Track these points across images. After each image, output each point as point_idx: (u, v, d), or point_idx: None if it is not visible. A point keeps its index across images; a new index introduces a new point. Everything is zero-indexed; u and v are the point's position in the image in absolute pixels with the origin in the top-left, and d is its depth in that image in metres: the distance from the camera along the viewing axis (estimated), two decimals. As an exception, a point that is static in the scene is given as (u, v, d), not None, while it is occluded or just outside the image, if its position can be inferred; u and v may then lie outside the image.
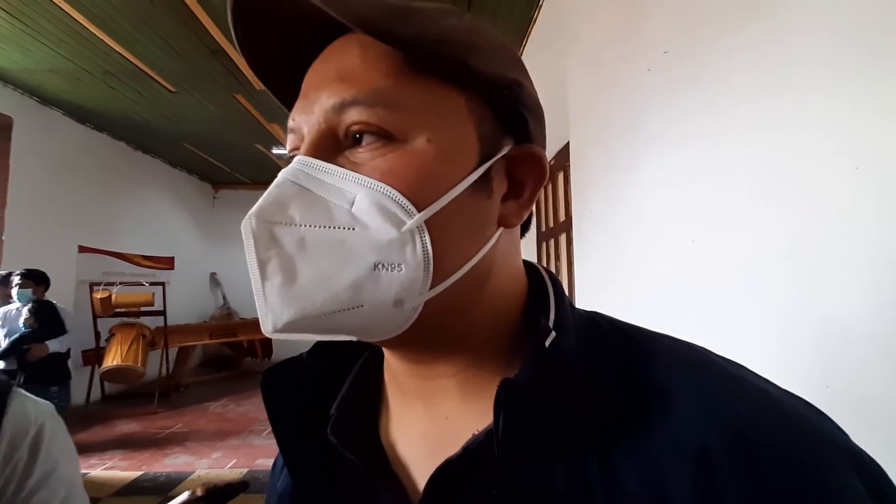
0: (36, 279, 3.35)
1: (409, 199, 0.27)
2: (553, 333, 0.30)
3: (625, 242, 1.59)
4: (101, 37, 3.31)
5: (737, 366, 0.30)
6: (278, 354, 6.93)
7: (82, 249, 5.14)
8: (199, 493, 0.37)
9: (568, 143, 2.20)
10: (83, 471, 3.23)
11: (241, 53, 0.33)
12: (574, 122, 2.09)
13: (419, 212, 0.27)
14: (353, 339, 0.30)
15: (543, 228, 2.88)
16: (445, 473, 0.29)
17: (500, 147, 0.31)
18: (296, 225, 0.27)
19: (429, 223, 0.28)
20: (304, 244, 0.27)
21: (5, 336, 3.18)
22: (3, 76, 4.00)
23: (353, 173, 0.28)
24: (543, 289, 0.34)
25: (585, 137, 1.95)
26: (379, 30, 0.27)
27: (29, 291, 3.28)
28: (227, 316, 7.37)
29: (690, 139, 1.18)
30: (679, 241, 1.23)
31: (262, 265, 0.27)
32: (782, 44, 0.87)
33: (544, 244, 2.91)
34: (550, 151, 2.54)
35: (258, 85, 3.48)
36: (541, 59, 2.76)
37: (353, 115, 0.28)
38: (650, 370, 0.29)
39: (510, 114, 0.32)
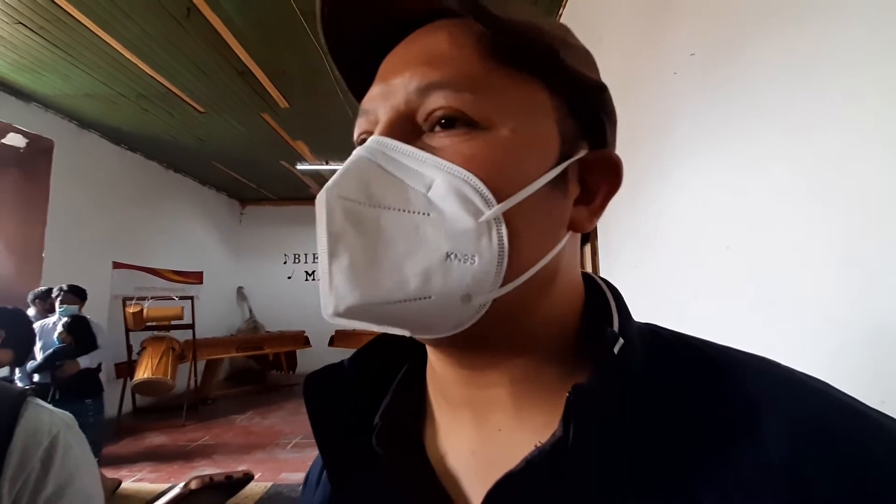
0: (79, 295, 3.46)
1: (489, 187, 0.26)
2: (621, 340, 0.28)
3: (654, 252, 1.53)
4: (135, 61, 3.46)
5: (823, 383, 0.27)
6: (303, 368, 6.99)
7: (116, 265, 5.33)
8: (192, 486, 0.35)
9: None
10: (122, 479, 3.29)
11: (323, 36, 0.32)
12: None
13: (498, 202, 0.26)
14: (408, 334, 0.28)
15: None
16: (505, 488, 0.26)
17: (579, 149, 0.30)
18: (371, 205, 0.26)
19: (506, 216, 0.26)
20: (377, 226, 0.26)
21: (41, 349, 3.27)
22: (45, 102, 4.22)
23: (432, 156, 0.27)
24: (603, 297, 0.32)
25: (609, 145, 1.91)
26: (481, 10, 0.26)
27: (75, 307, 3.37)
28: (253, 329, 7.49)
29: (723, 143, 1.14)
30: (713, 248, 1.17)
31: (333, 242, 0.25)
32: (818, 43, 0.83)
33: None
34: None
35: (283, 104, 3.56)
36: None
37: (439, 100, 0.27)
38: (730, 386, 0.26)
39: (590, 117, 0.31)
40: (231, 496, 0.43)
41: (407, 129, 0.28)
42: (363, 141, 0.30)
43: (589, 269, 2.44)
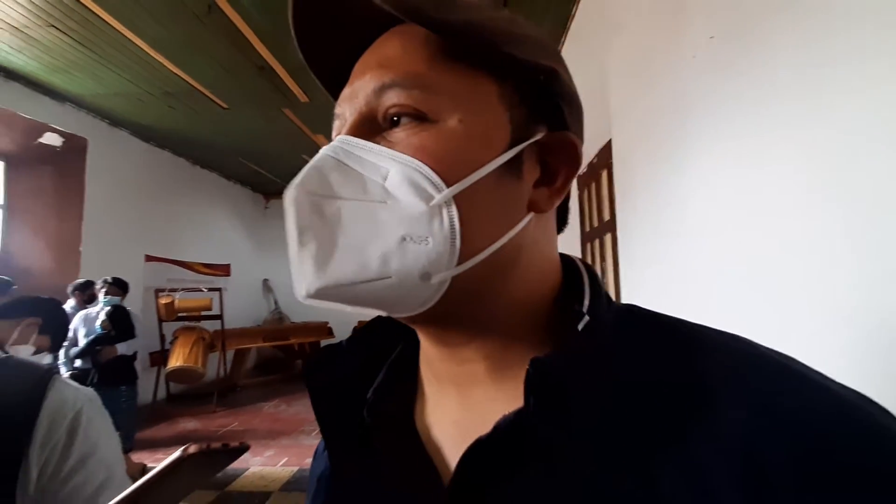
0: (122, 287, 3.66)
1: (438, 174, 0.28)
2: (586, 317, 0.30)
3: (673, 242, 1.51)
4: (161, 60, 3.56)
5: (788, 358, 0.27)
6: (326, 357, 7.12)
7: (149, 258, 5.54)
8: (191, 450, 0.37)
9: (610, 141, 2.12)
10: (150, 464, 3.46)
11: (300, 51, 0.36)
12: (616, 118, 2.01)
13: (448, 187, 0.28)
14: (383, 313, 0.31)
15: (587, 228, 2.79)
16: (476, 453, 0.29)
17: (533, 133, 0.32)
18: (333, 197, 0.29)
19: (457, 199, 0.28)
20: (339, 215, 0.28)
21: (85, 336, 3.47)
22: (78, 101, 4.39)
23: (387, 149, 0.29)
24: (578, 278, 0.34)
25: (629, 134, 1.88)
26: (418, 14, 0.29)
27: (118, 298, 3.59)
28: (278, 320, 7.68)
29: (744, 133, 1.10)
30: (733, 240, 1.15)
31: (300, 233, 0.28)
32: (841, 29, 0.79)
33: (588, 245, 2.83)
34: (592, 149, 2.46)
35: (303, 98, 3.60)
36: (580, 55, 2.69)
37: (392, 98, 0.30)
38: (691, 361, 0.27)
39: (544, 101, 0.32)
40: (229, 463, 0.46)
41: (369, 127, 0.31)
42: None
43: (609, 259, 2.41)
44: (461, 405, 0.34)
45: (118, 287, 3.62)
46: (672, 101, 1.45)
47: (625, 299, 1.94)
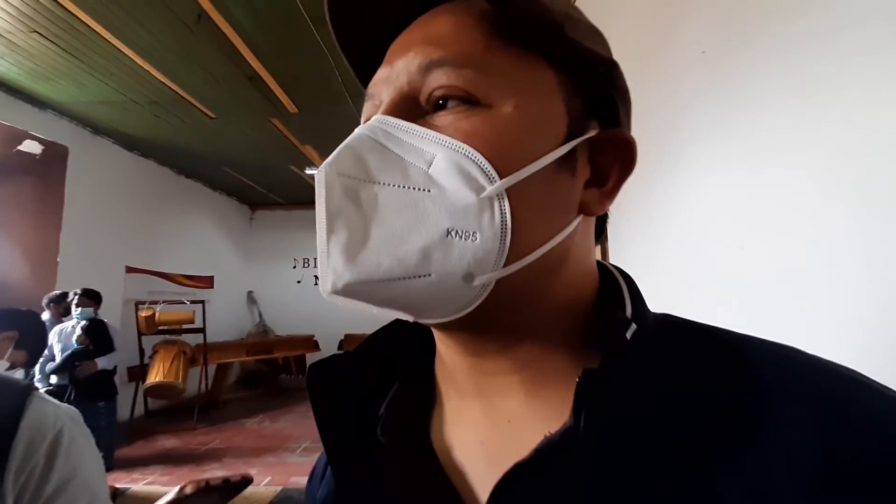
0: (94, 298, 3.54)
1: (490, 163, 0.25)
2: (633, 325, 0.28)
3: (666, 247, 1.51)
4: (147, 68, 3.51)
5: (847, 368, 0.26)
6: (312, 371, 6.99)
7: (129, 270, 5.39)
8: (187, 490, 0.34)
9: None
10: (125, 485, 3.31)
11: (330, 24, 0.32)
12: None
13: (501, 178, 0.25)
14: (411, 318, 0.27)
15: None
16: (514, 480, 0.26)
17: (588, 128, 0.29)
18: (369, 181, 0.26)
19: (510, 193, 0.25)
20: (376, 202, 0.25)
21: (60, 352, 3.35)
22: (60, 109, 4.30)
23: (433, 132, 0.27)
24: (616, 284, 0.32)
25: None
26: None
27: (91, 310, 3.47)
28: (263, 333, 7.53)
29: (734, 139, 1.12)
30: (727, 247, 1.15)
31: (331, 219, 0.25)
32: (845, 26, 0.81)
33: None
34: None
35: (292, 108, 3.58)
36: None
37: (440, 78, 0.27)
38: (747, 369, 0.25)
39: (600, 95, 0.30)
40: (229, 499, 0.42)
41: (410, 108, 0.28)
42: None
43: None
44: (488, 422, 0.30)
45: (90, 298, 3.51)
46: (668, 100, 1.47)
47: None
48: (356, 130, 0.28)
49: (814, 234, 0.88)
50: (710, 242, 1.25)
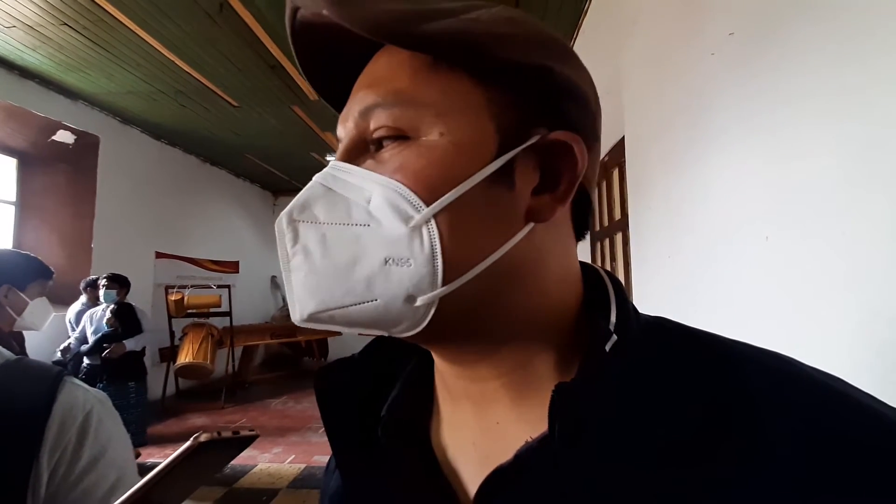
0: (119, 282, 3.69)
1: (416, 193, 0.27)
2: (614, 337, 0.28)
3: (688, 242, 1.48)
4: (173, 59, 3.58)
5: (835, 379, 0.26)
6: (334, 354, 7.16)
7: (159, 255, 5.58)
8: (202, 438, 0.37)
9: (623, 138, 2.10)
10: (158, 460, 3.48)
11: (302, 74, 0.36)
12: (630, 114, 1.99)
13: (427, 206, 0.27)
14: (381, 332, 0.30)
15: (598, 228, 2.77)
16: (496, 482, 0.28)
17: (528, 137, 0.29)
18: (319, 223, 0.29)
19: (439, 218, 0.27)
20: (324, 240, 0.29)
21: (93, 334, 3.52)
22: (90, 100, 4.43)
23: (370, 172, 0.29)
24: (603, 290, 0.32)
25: (642, 130, 1.85)
26: (390, 33, 0.28)
27: (114, 293, 3.64)
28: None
29: (763, 128, 1.08)
30: (751, 239, 1.12)
31: (289, 259, 0.29)
32: (866, 20, 0.77)
33: (598, 244, 2.80)
34: (603, 147, 2.43)
35: (312, 96, 3.61)
36: (592, 52, 2.67)
37: (378, 119, 0.29)
38: (731, 380, 0.26)
39: (543, 101, 0.30)
40: (239, 451, 0.46)
41: (359, 150, 0.31)
42: None
43: (620, 259, 2.38)
44: (479, 425, 0.32)
45: (117, 283, 3.67)
46: (690, 97, 1.43)
47: (636, 299, 1.92)
48: (314, 178, 0.31)
49: (841, 228, 0.85)
50: (735, 233, 1.23)
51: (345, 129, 0.32)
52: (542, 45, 0.30)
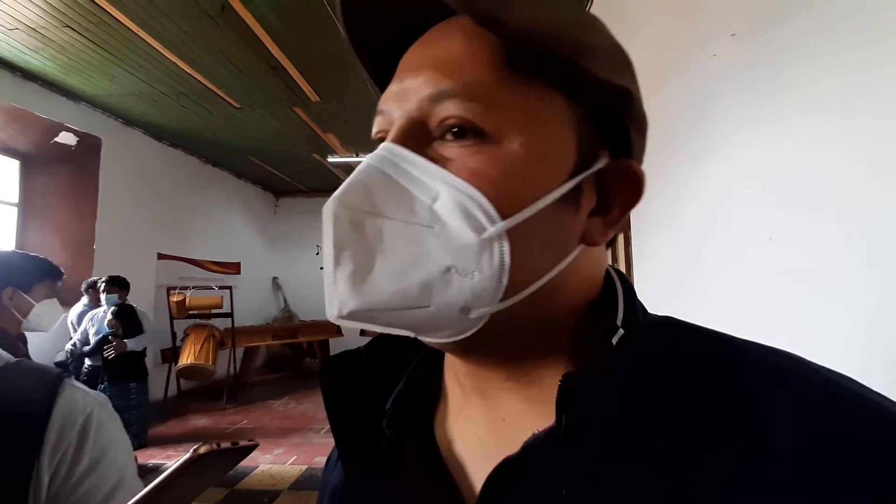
0: (118, 284, 3.71)
1: (493, 204, 0.26)
2: (621, 331, 0.29)
3: (691, 242, 1.48)
4: (175, 60, 3.58)
5: (846, 378, 0.26)
6: (335, 356, 7.15)
7: (161, 257, 5.59)
8: (201, 450, 0.37)
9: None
10: (159, 461, 3.49)
11: (346, 35, 0.33)
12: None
13: (503, 219, 0.26)
14: (412, 335, 0.29)
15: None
16: (504, 473, 0.28)
17: (597, 159, 0.29)
18: (376, 215, 0.26)
19: (510, 232, 0.26)
20: (381, 235, 0.26)
21: (95, 335, 3.53)
22: (92, 101, 4.44)
23: (440, 169, 0.27)
24: (612, 289, 0.32)
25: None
26: (482, 12, 0.26)
27: (115, 296, 3.66)
28: (287, 318, 7.72)
29: (765, 126, 1.08)
30: (755, 239, 1.12)
31: (338, 251, 0.26)
32: (869, 25, 0.77)
33: (600, 245, 2.79)
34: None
35: (314, 97, 3.60)
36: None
37: (449, 108, 0.27)
38: (736, 378, 0.26)
39: (613, 124, 0.29)
40: (239, 461, 0.46)
41: (418, 135, 0.28)
42: (381, 139, 0.30)
43: (622, 259, 2.38)
44: (487, 418, 0.32)
45: (116, 285, 3.68)
46: (692, 98, 1.43)
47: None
48: (365, 160, 0.28)
49: (845, 228, 0.85)
50: (737, 233, 1.22)
51: (400, 107, 0.29)
52: (623, 63, 0.30)
